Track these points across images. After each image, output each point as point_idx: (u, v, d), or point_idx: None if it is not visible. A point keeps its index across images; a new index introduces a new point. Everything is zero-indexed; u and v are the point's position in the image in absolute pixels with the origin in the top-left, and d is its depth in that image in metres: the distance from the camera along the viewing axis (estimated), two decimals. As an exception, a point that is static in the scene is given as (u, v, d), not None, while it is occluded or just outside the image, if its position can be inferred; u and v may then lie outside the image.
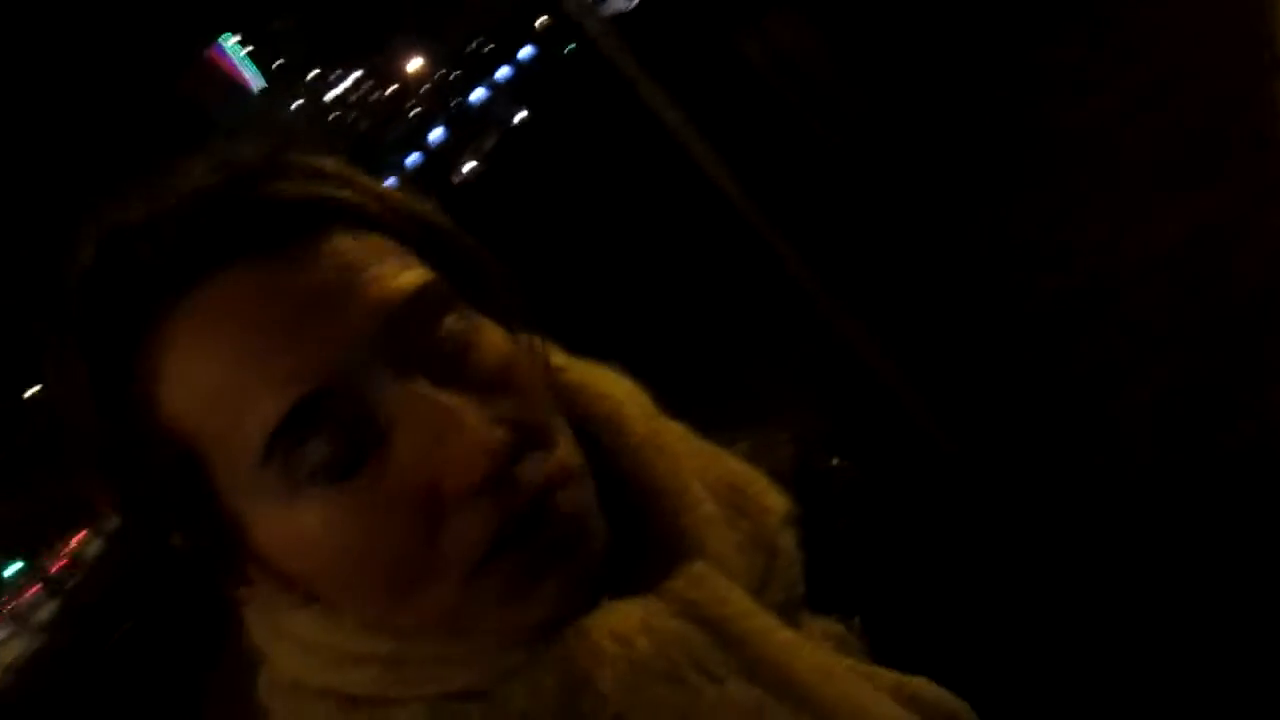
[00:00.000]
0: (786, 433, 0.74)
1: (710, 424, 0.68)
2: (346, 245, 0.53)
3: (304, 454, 0.50)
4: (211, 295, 0.51)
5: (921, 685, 0.56)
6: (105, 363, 0.52)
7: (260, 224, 0.52)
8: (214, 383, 0.51)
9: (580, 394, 0.63)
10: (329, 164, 0.57)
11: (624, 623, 0.53)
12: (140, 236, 0.52)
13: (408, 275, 0.54)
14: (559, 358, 0.64)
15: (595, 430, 0.61)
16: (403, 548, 0.51)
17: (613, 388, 0.65)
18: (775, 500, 0.65)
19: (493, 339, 0.56)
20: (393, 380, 0.51)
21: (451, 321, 0.54)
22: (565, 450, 0.55)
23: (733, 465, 0.66)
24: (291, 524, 0.52)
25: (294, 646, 0.57)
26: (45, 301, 0.55)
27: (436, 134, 42.21)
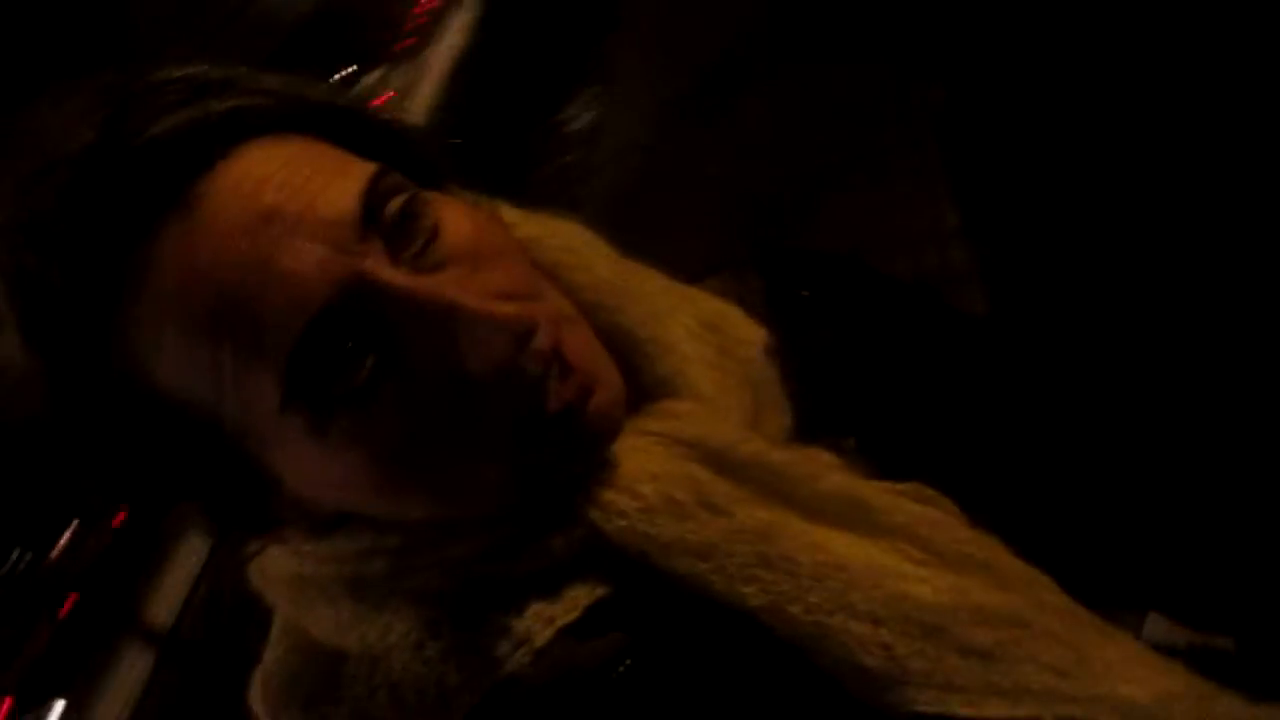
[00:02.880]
0: (752, 266, 0.74)
1: (673, 266, 0.67)
2: (269, 160, 0.49)
3: (322, 388, 0.48)
4: (155, 262, 0.47)
5: (915, 487, 0.58)
6: (70, 362, 0.48)
7: (160, 168, 0.47)
8: (200, 352, 0.47)
9: (539, 247, 0.61)
10: (214, 71, 0.52)
11: (628, 473, 0.53)
12: (44, 223, 0.47)
13: (351, 175, 0.50)
14: (510, 213, 0.62)
15: (562, 284, 0.60)
16: (449, 442, 0.50)
17: (572, 238, 0.64)
18: (752, 333, 0.65)
19: (454, 214, 0.53)
20: (380, 287, 0.48)
21: (410, 207, 0.51)
22: (555, 300, 0.55)
23: (706, 303, 0.66)
24: (326, 457, 0.50)
25: (293, 556, 0.58)
26: None
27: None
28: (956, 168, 2.91)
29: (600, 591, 0.53)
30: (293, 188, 0.48)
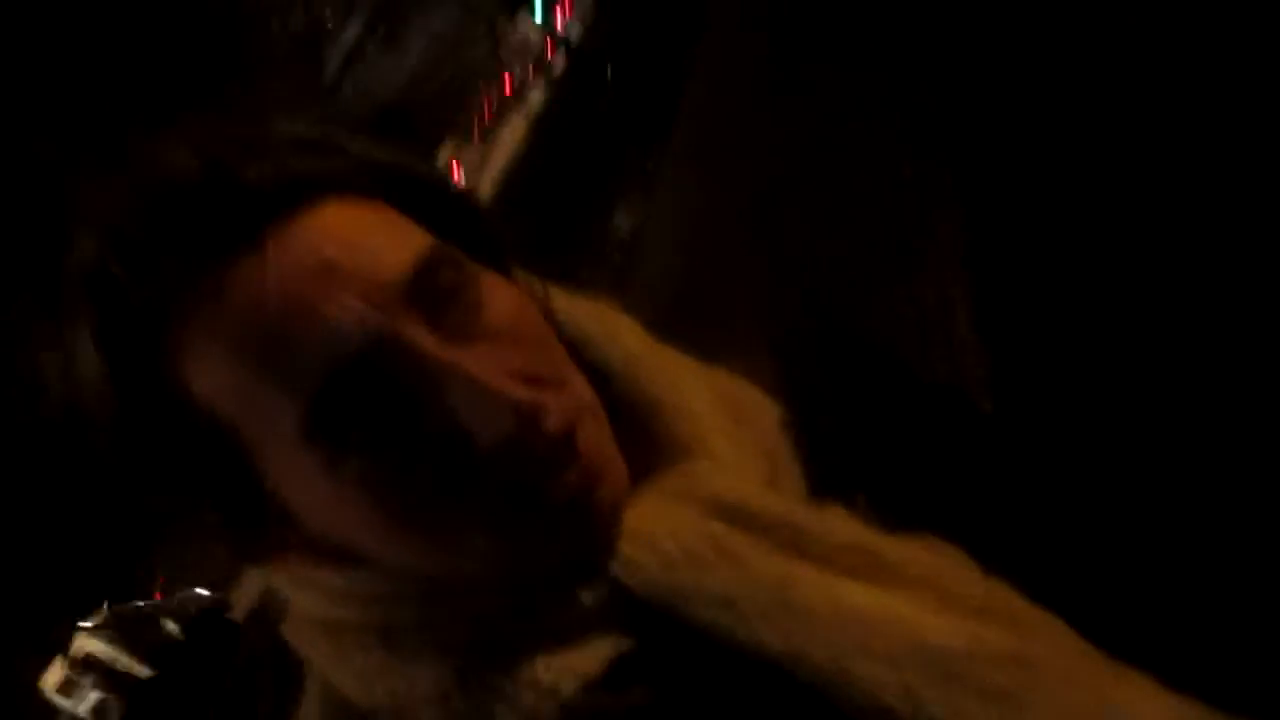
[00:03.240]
0: (766, 349, 0.80)
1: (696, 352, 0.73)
2: (341, 218, 0.55)
3: (340, 430, 0.52)
4: (221, 289, 0.52)
5: (928, 539, 0.61)
6: (130, 363, 0.54)
7: (249, 210, 0.53)
8: (241, 375, 0.52)
9: (572, 319, 0.65)
10: (312, 131, 0.59)
11: (650, 531, 0.56)
12: (137, 238, 0.53)
13: (410, 245, 0.55)
14: (550, 290, 0.67)
15: (594, 356, 0.64)
16: (442, 503, 0.54)
17: (605, 314, 0.68)
18: (767, 407, 0.70)
19: (499, 292, 0.58)
20: (412, 348, 0.52)
21: (457, 281, 0.56)
22: (579, 389, 0.58)
23: (726, 380, 0.70)
24: (334, 493, 0.53)
25: (323, 595, 0.60)
26: (40, 296, 0.57)
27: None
28: (975, 273, 2.98)
29: (625, 644, 0.55)
30: (354, 247, 0.53)
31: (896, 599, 0.56)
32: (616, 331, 0.67)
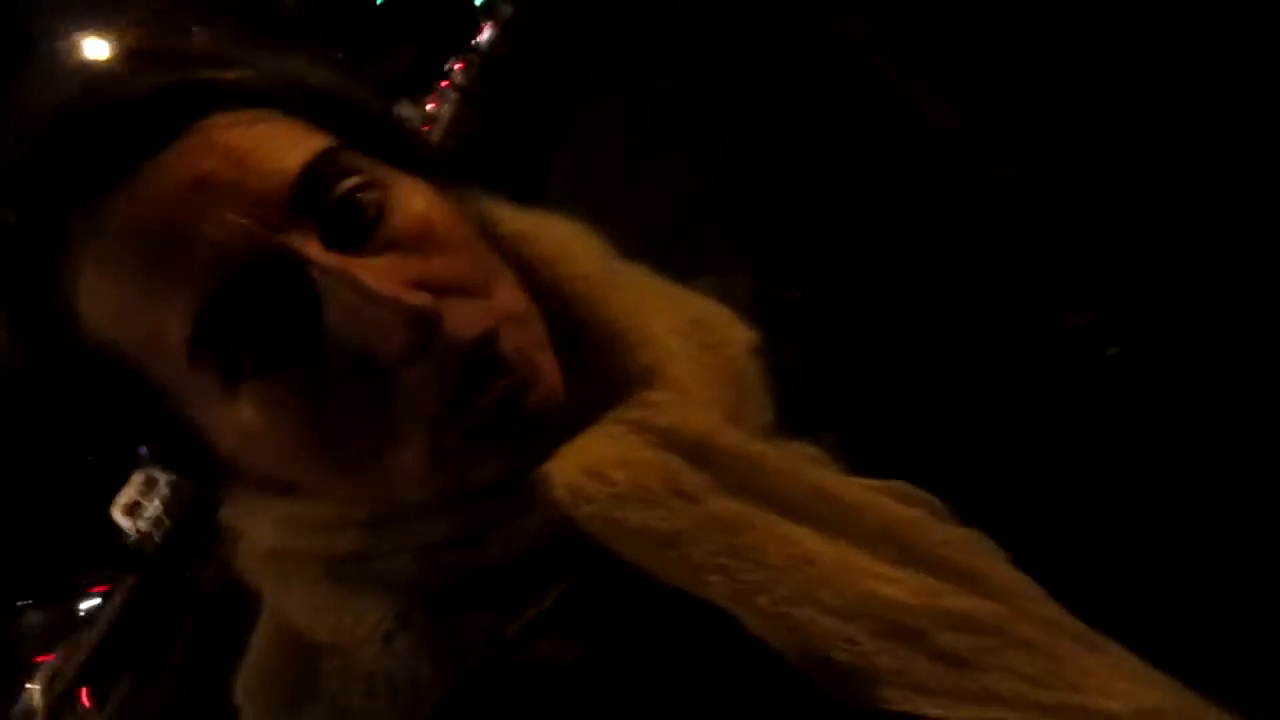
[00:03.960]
0: (743, 269, 0.75)
1: (667, 268, 0.68)
2: (224, 133, 0.51)
3: (229, 349, 0.49)
4: (103, 213, 0.50)
5: (896, 484, 0.57)
6: (20, 300, 0.52)
7: (134, 127, 0.50)
8: (126, 298, 0.50)
9: (522, 241, 0.61)
10: (199, 43, 0.56)
11: (599, 459, 0.52)
12: (17, 169, 0.51)
13: (299, 150, 0.51)
14: (502, 210, 0.63)
15: (543, 276, 0.60)
16: (356, 423, 0.50)
17: (563, 233, 0.64)
18: (739, 332, 0.64)
19: (413, 198, 0.54)
20: (302, 258, 0.49)
21: (356, 185, 0.52)
22: (504, 295, 0.54)
23: (694, 301, 0.66)
24: (238, 419, 0.51)
25: (269, 524, 0.57)
26: None
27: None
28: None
29: (568, 581, 0.53)
30: (235, 159, 0.50)
31: (853, 548, 0.52)
32: (574, 250, 0.63)
